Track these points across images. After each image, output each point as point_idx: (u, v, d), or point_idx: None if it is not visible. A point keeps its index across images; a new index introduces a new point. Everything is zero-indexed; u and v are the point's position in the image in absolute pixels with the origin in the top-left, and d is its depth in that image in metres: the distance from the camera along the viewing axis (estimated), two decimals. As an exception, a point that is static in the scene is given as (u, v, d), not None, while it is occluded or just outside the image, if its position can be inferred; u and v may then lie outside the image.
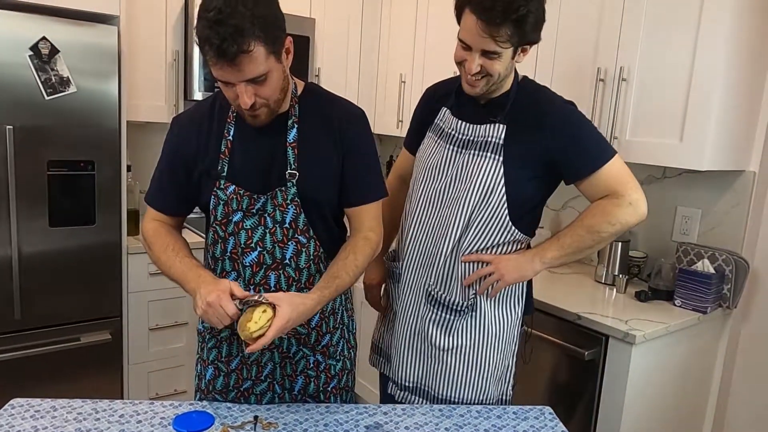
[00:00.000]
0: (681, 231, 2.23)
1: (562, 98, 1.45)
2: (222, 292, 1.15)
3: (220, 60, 1.11)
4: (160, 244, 1.33)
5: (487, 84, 1.38)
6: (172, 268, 1.29)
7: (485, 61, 1.33)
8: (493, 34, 1.27)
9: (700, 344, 2.05)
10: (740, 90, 1.91)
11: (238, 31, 1.08)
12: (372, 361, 1.73)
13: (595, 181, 1.39)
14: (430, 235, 1.49)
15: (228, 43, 1.08)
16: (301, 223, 1.31)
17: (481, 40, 1.30)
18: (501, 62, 1.34)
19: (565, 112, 1.41)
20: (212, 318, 1.15)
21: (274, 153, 1.30)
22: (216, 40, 1.08)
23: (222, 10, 1.08)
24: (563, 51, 2.24)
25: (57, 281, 2.26)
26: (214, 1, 1.09)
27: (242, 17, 1.08)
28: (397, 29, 3.13)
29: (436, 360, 1.51)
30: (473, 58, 1.34)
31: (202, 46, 1.11)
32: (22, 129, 2.10)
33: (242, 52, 1.10)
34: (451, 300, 1.47)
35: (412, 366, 1.55)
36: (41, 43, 2.08)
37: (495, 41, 1.29)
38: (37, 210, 2.18)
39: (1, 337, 2.17)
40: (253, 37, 1.10)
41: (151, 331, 2.56)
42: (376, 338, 1.72)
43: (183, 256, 1.31)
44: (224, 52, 1.09)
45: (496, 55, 1.32)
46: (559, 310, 1.92)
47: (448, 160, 1.48)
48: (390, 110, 3.20)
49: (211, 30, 1.08)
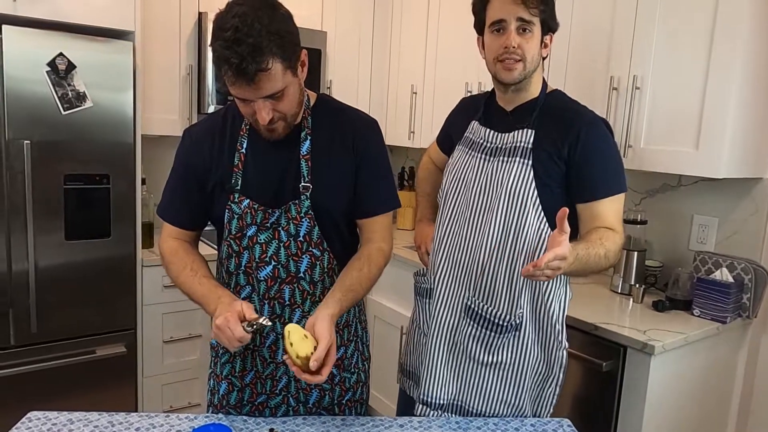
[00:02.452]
0: (698, 239, 2.20)
1: (595, 113, 1.44)
2: (230, 314, 1.14)
3: (239, 79, 1.11)
4: (178, 264, 1.33)
5: (523, 69, 1.40)
6: (192, 289, 1.29)
7: (520, 40, 1.37)
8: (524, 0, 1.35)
9: (720, 355, 2.02)
10: (756, 97, 1.89)
11: (256, 49, 1.08)
12: (401, 383, 1.71)
13: (600, 208, 1.38)
14: (465, 247, 1.47)
15: (247, 62, 1.08)
16: (315, 236, 1.30)
17: (515, 8, 1.36)
18: (534, 41, 1.39)
19: (597, 126, 1.40)
20: (223, 340, 1.15)
21: (288, 165, 1.30)
22: (235, 59, 1.08)
23: (239, 29, 1.07)
24: (576, 60, 2.23)
25: (73, 294, 2.28)
26: (230, 20, 1.09)
27: (259, 35, 1.08)
28: (407, 41, 3.14)
29: (474, 374, 1.48)
30: (510, 33, 1.38)
31: (221, 65, 1.11)
32: (40, 144, 2.13)
33: (261, 70, 1.10)
34: (494, 313, 1.43)
35: (447, 382, 1.51)
36: (58, 59, 2.11)
37: (527, 8, 1.35)
38: (53, 224, 2.20)
39: (19, 350, 2.19)
40: (270, 55, 1.10)
41: (165, 344, 2.57)
42: (404, 360, 1.70)
43: (201, 276, 1.31)
44: (244, 71, 1.09)
45: (529, 27, 1.37)
46: (575, 320, 1.90)
47: (478, 168, 1.47)
48: (402, 121, 3.20)
49: (230, 50, 1.08)
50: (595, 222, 1.38)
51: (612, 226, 1.37)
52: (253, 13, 1.09)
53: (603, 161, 1.39)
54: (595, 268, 1.33)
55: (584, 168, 1.38)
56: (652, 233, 2.32)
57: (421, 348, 1.59)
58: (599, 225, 1.37)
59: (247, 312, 1.16)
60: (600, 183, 1.38)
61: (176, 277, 1.33)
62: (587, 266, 1.30)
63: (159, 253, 1.41)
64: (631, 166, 2.05)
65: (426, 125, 3.03)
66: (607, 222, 1.37)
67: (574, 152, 1.37)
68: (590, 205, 1.39)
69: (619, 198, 1.40)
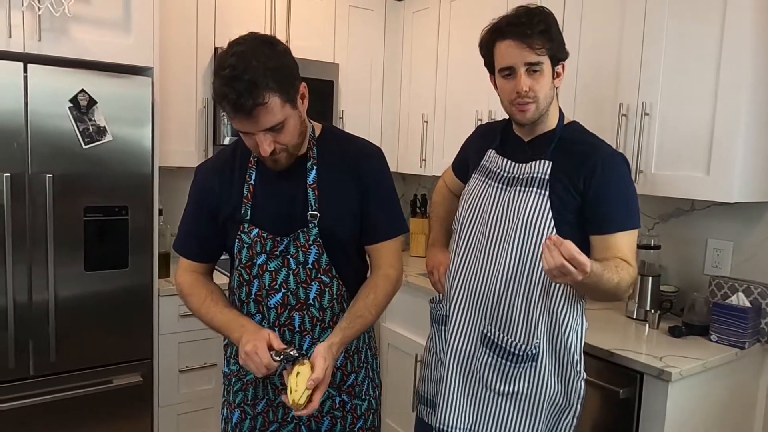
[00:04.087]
0: (713, 264, 2.18)
1: (613, 148, 1.46)
2: (259, 342, 1.18)
3: (237, 114, 1.16)
4: (197, 296, 1.37)
5: (537, 109, 1.41)
6: (214, 319, 1.33)
7: (531, 81, 1.38)
8: (529, 43, 1.35)
9: (740, 381, 1.98)
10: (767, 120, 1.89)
11: (252, 85, 1.12)
12: (418, 411, 1.70)
13: (613, 241, 1.38)
14: (481, 275, 1.47)
15: (244, 98, 1.13)
16: (323, 263, 1.33)
17: (521, 54, 1.36)
18: (544, 79, 1.39)
19: (614, 161, 1.42)
20: (251, 366, 1.18)
21: (295, 195, 1.33)
22: (232, 95, 1.13)
23: (236, 66, 1.13)
24: (584, 88, 2.26)
25: (90, 324, 2.31)
26: (228, 59, 1.15)
27: (255, 71, 1.13)
28: (418, 71, 3.20)
29: (490, 403, 1.47)
30: (520, 78, 1.38)
31: (220, 102, 1.16)
32: (61, 177, 2.19)
33: (257, 105, 1.14)
34: (511, 342, 1.43)
35: (464, 410, 1.50)
36: (80, 95, 2.19)
37: (533, 50, 1.36)
38: (73, 255, 2.25)
39: (38, 381, 2.22)
40: (267, 90, 1.14)
41: (181, 373, 2.58)
42: (420, 386, 1.69)
43: (222, 306, 1.34)
44: (241, 106, 1.14)
45: (538, 68, 1.37)
46: (591, 347, 1.87)
47: (495, 197, 1.49)
48: (413, 150, 3.24)
49: (227, 86, 1.13)
50: (609, 252, 1.38)
51: (626, 258, 1.37)
52: (250, 52, 1.14)
53: (618, 196, 1.40)
54: (607, 292, 1.33)
55: (599, 201, 1.38)
56: (667, 258, 2.30)
57: (438, 375, 1.59)
58: (613, 255, 1.37)
59: (274, 341, 1.19)
60: (614, 217, 1.39)
61: (198, 308, 1.36)
62: (600, 285, 1.29)
63: (176, 286, 1.44)
64: (643, 191, 2.04)
65: (437, 153, 3.06)
66: (621, 254, 1.37)
67: (590, 185, 1.38)
68: (604, 237, 1.39)
69: (633, 233, 1.40)
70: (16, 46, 2.10)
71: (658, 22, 2.00)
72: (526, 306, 1.41)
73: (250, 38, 1.19)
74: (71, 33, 2.19)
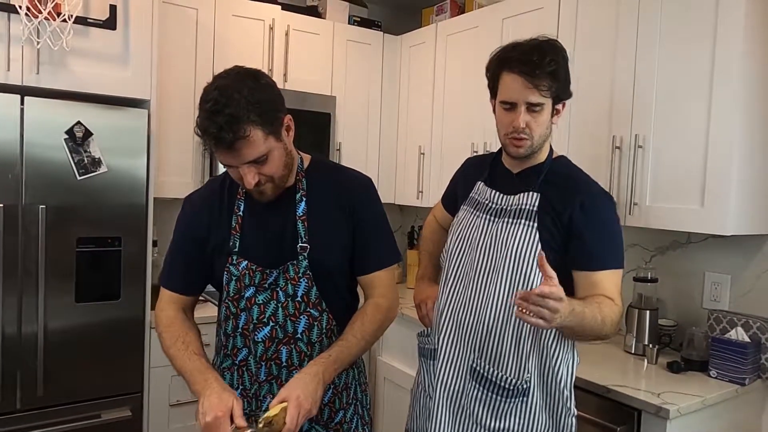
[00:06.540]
0: (711, 298, 2.15)
1: (600, 186, 1.46)
2: (221, 412, 1.13)
3: (218, 147, 1.16)
4: (170, 335, 1.35)
5: (531, 145, 1.41)
6: (181, 362, 1.30)
7: (529, 119, 1.38)
8: (535, 83, 1.34)
9: (741, 418, 1.93)
10: (761, 152, 1.89)
11: (233, 119, 1.13)
12: None
13: (598, 279, 1.37)
14: (470, 307, 1.45)
15: (224, 132, 1.13)
16: (313, 296, 1.31)
17: (525, 92, 1.36)
18: (542, 118, 1.39)
19: (601, 199, 1.42)
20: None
21: (285, 227, 1.32)
22: (213, 129, 1.13)
23: (218, 101, 1.14)
24: (578, 121, 2.27)
25: (80, 357, 2.28)
26: (211, 92, 1.16)
27: (237, 105, 1.13)
28: (414, 103, 3.23)
29: None
30: (519, 114, 1.38)
31: (202, 135, 1.17)
32: (55, 208, 2.18)
33: (238, 138, 1.14)
34: (501, 376, 1.40)
35: None
36: (76, 127, 2.20)
37: (538, 91, 1.35)
38: (64, 286, 2.23)
39: (25, 415, 2.17)
40: (248, 123, 1.14)
41: (172, 407, 2.53)
42: (409, 424, 1.65)
43: (191, 352, 1.30)
44: (221, 140, 1.14)
45: (539, 108, 1.37)
46: (587, 383, 1.84)
47: (483, 229, 1.48)
48: (410, 181, 3.24)
49: (208, 120, 1.14)
50: (593, 290, 1.37)
51: (610, 296, 1.36)
52: (233, 85, 1.15)
53: (603, 234, 1.39)
54: (591, 330, 1.31)
55: (583, 237, 1.37)
56: (664, 291, 2.27)
57: (427, 412, 1.55)
58: (597, 293, 1.36)
59: (236, 410, 1.14)
60: (597, 255, 1.38)
61: (168, 348, 1.34)
62: (584, 324, 1.27)
63: (155, 318, 1.41)
64: (638, 224, 2.03)
65: (434, 185, 3.06)
66: (606, 291, 1.36)
67: (574, 220, 1.38)
68: (587, 273, 1.38)
69: (617, 273, 1.39)
70: (14, 79, 2.12)
71: (649, 55, 2.02)
72: (517, 338, 1.39)
73: (233, 72, 1.20)
74: (69, 66, 2.22)
